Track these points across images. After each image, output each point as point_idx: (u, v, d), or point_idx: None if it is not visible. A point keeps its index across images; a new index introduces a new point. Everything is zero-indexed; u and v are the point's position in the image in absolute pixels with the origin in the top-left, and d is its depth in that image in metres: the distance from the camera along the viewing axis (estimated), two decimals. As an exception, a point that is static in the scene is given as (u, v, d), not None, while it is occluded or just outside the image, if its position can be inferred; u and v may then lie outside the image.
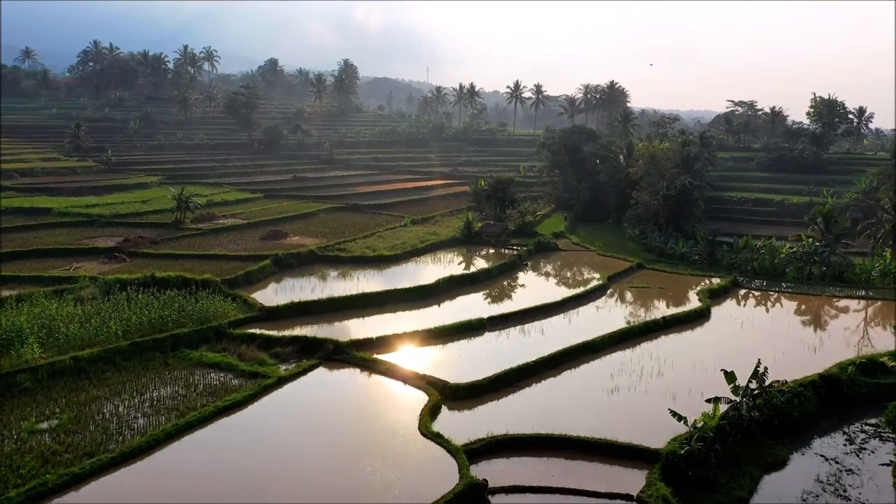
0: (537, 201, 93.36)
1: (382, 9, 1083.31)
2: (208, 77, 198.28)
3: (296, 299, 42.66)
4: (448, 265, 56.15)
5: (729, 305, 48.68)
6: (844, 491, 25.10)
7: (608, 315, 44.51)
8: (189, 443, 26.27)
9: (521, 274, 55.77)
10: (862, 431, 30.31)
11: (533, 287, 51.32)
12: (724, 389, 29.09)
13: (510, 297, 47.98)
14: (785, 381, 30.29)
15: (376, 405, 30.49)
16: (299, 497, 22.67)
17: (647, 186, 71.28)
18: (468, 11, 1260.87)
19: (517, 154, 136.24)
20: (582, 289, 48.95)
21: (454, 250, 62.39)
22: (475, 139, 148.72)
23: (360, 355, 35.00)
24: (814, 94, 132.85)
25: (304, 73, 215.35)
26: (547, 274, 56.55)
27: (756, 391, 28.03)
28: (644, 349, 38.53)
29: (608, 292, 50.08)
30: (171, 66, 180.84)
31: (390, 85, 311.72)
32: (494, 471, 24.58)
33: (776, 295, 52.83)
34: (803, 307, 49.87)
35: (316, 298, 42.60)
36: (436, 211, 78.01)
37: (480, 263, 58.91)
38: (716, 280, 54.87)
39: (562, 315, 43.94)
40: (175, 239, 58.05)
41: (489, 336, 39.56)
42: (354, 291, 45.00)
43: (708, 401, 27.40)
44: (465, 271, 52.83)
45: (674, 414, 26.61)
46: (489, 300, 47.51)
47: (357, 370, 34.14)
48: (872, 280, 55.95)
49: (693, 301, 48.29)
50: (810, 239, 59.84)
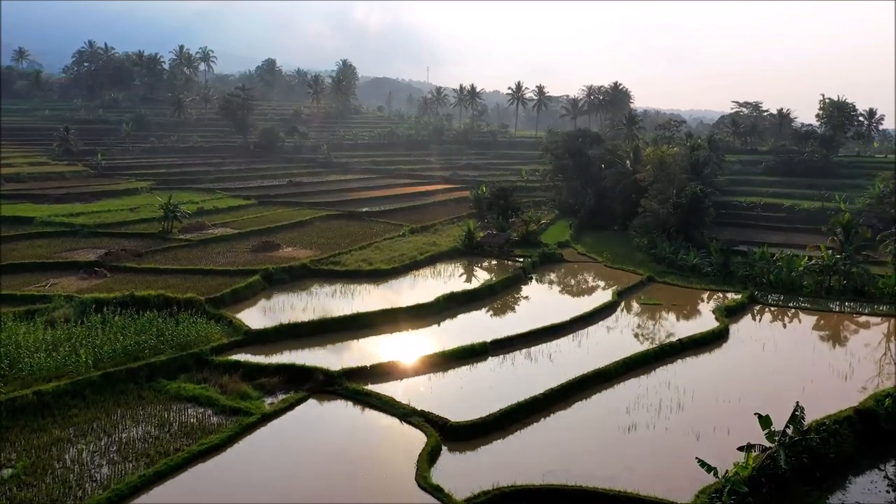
0: (540, 207, 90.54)
1: (382, 8, 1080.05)
2: (205, 77, 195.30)
3: (285, 320, 39.80)
4: (448, 279, 53.23)
5: (747, 324, 45.71)
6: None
7: (620, 337, 41.57)
8: (157, 497, 23.37)
9: (526, 288, 52.85)
10: (905, 475, 27.37)
11: (538, 304, 48.40)
12: (752, 425, 26.27)
13: (515, 316, 45.06)
14: (823, 424, 27.39)
15: (369, 448, 27.55)
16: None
17: (656, 194, 68.30)
18: (468, 11, 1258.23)
19: (519, 157, 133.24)
20: (591, 306, 45.93)
21: (455, 262, 59.47)
22: (476, 141, 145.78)
23: (353, 387, 32.10)
24: (822, 96, 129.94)
25: (303, 74, 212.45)
26: (553, 289, 53.58)
27: (794, 437, 25.10)
28: (661, 377, 35.60)
29: (619, 310, 47.12)
30: (167, 67, 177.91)
31: (390, 85, 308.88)
32: (501, 534, 21.69)
33: (796, 312, 49.90)
34: (826, 326, 46.88)
35: (307, 320, 39.67)
36: (436, 219, 75.08)
37: (482, 276, 56.05)
38: (732, 295, 51.89)
39: (570, 337, 41.00)
40: (161, 251, 55.13)
41: (493, 362, 36.64)
42: (348, 311, 42.05)
43: (740, 449, 24.47)
44: (467, 286, 49.82)
45: (702, 464, 23.70)
46: (492, 319, 44.61)
47: (349, 404, 31.22)
48: (896, 294, 53.00)
49: (709, 319, 45.33)
50: (829, 250, 56.85)
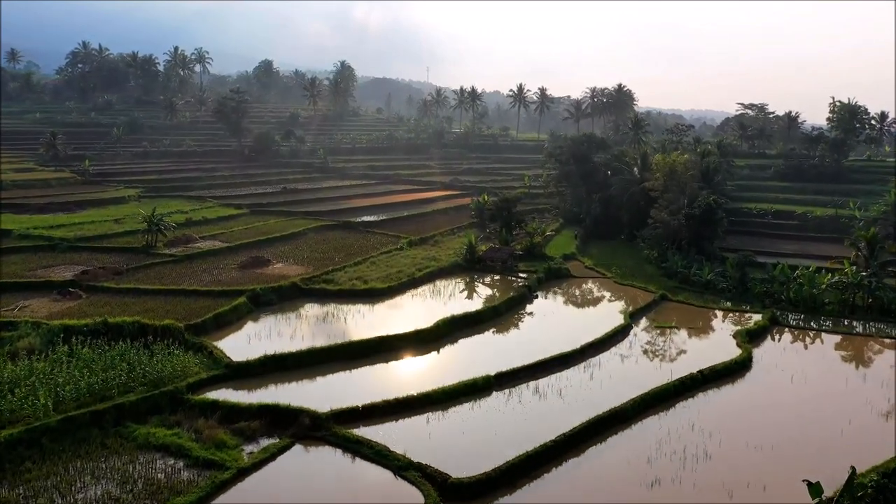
0: (544, 215, 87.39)
1: (382, 8, 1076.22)
2: (201, 79, 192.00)
3: (271, 349, 36.52)
4: (449, 299, 49.89)
5: (771, 350, 42.36)
6: None
7: (635, 367, 38.25)
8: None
9: (531, 308, 49.49)
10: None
11: (545, 328, 45.04)
12: (790, 481, 23.26)
13: (520, 342, 41.66)
14: (873, 482, 24.11)
15: (358, 513, 24.31)
16: None
17: (667, 204, 64.94)
18: (468, 11, 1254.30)
19: (521, 161, 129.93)
20: (602, 331, 42.56)
21: (456, 278, 56.16)
22: (477, 145, 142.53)
23: (343, 432, 28.82)
24: (832, 99, 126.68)
25: (301, 75, 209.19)
26: (560, 309, 50.08)
27: (848, 508, 21.85)
28: (683, 416, 32.31)
29: (632, 334, 43.78)
30: (162, 69, 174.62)
31: (390, 85, 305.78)
32: None
33: (821, 334, 46.57)
34: (855, 350, 43.56)
35: (294, 350, 36.28)
36: (436, 229, 71.70)
37: (485, 293, 52.85)
38: (751, 316, 48.60)
39: (581, 367, 37.68)
40: (143, 268, 51.76)
41: (498, 399, 33.34)
42: (340, 339, 38.82)
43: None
44: (469, 307, 46.38)
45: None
46: (497, 346, 41.31)
47: (338, 452, 27.96)
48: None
49: (730, 345, 42.02)
50: (853, 266, 53.55)
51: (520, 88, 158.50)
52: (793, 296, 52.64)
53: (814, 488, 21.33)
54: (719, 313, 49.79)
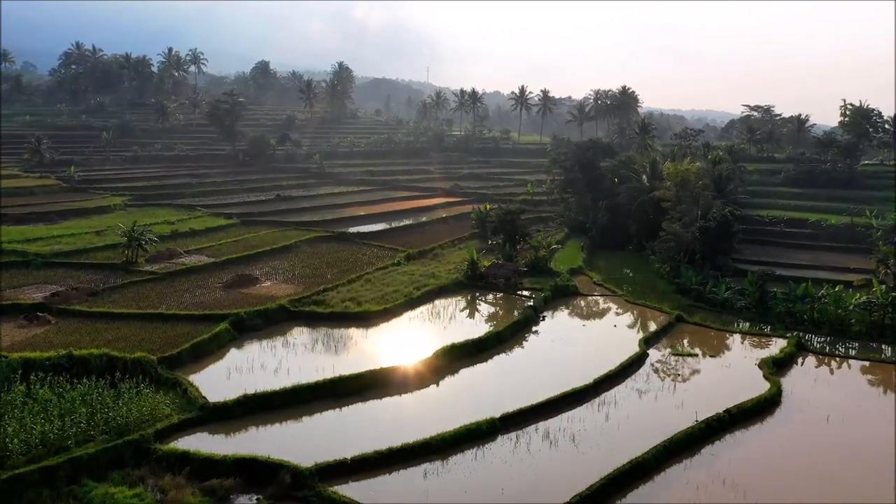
0: (548, 223, 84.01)
1: (382, 8, 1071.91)
2: (196, 79, 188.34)
3: (252, 386, 33.02)
4: (449, 322, 46.33)
5: (800, 382, 38.73)
6: None
7: (654, 405, 34.69)
8: None
9: (538, 331, 45.96)
10: None
11: (554, 356, 41.42)
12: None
13: (527, 374, 38.12)
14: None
15: None
16: None
17: (679, 216, 61.35)
18: (468, 11, 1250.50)
19: (523, 165, 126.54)
20: (615, 360, 39.02)
21: (456, 297, 52.58)
22: (478, 148, 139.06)
23: (329, 492, 25.31)
24: (844, 101, 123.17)
25: (298, 76, 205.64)
26: (569, 334, 46.17)
27: None
28: (711, 466, 28.78)
29: (648, 364, 40.23)
30: (156, 70, 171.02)
31: (389, 86, 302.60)
32: None
33: (851, 362, 42.99)
34: (891, 382, 40.01)
35: (277, 389, 32.71)
36: (435, 241, 68.18)
37: (488, 314, 49.41)
38: (775, 341, 45.04)
39: (596, 405, 34.16)
40: (120, 288, 48.20)
41: (504, 446, 29.81)
42: (329, 372, 35.26)
43: None
44: (470, 332, 42.60)
45: None
46: (501, 378, 37.71)
47: (322, 518, 24.46)
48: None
49: (756, 376, 38.50)
50: (883, 286, 50.01)
51: (521, 91, 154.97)
52: (817, 316, 49.21)
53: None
54: (740, 337, 46.24)
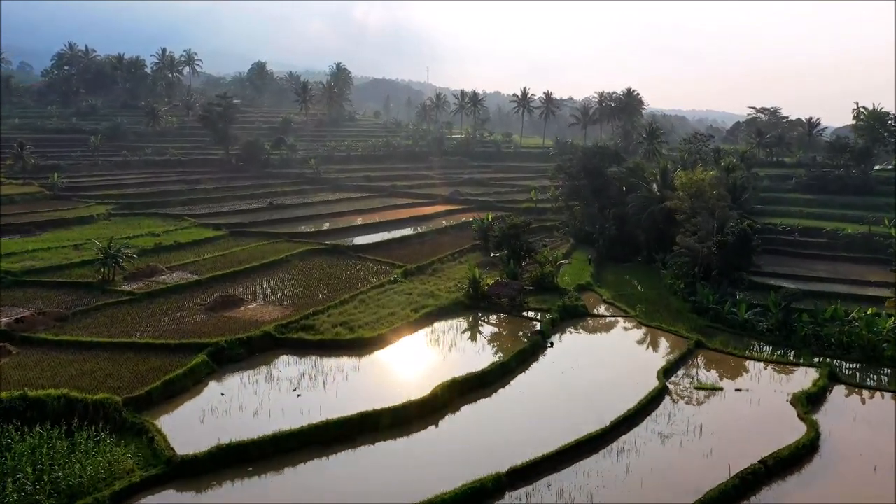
0: (552, 233, 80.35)
1: (382, 8, 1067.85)
2: (190, 81, 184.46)
3: (228, 433, 29.27)
4: (450, 350, 42.53)
5: (837, 420, 34.95)
6: None
7: (679, 453, 30.93)
8: None
9: (546, 361, 42.19)
10: None
11: (564, 391, 37.59)
12: None
13: (536, 414, 34.34)
14: None
15: None
16: None
17: (695, 229, 57.55)
18: (468, 11, 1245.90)
19: (525, 170, 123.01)
20: (633, 397, 35.29)
21: (457, 318, 48.80)
22: (479, 152, 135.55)
23: (308, 575, 21.61)
24: (856, 104, 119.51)
25: (296, 77, 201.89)
26: (579, 362, 42.13)
27: None
28: (750, 533, 25.11)
29: (669, 400, 36.50)
30: (149, 71, 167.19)
31: (389, 86, 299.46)
32: None
33: (887, 395, 39.28)
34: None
35: (256, 438, 28.91)
36: (435, 254, 64.47)
37: (491, 339, 45.63)
38: (804, 370, 41.32)
39: (614, 453, 30.39)
40: (93, 310, 44.44)
41: (512, 507, 26.15)
42: (315, 415, 31.56)
43: None
44: (472, 365, 38.56)
45: None
46: (507, 418, 33.94)
47: None
48: None
49: (788, 414, 34.81)
50: (917, 308, 46.36)
51: (524, 93, 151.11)
52: (845, 340, 45.53)
53: None
54: (766, 366, 42.43)
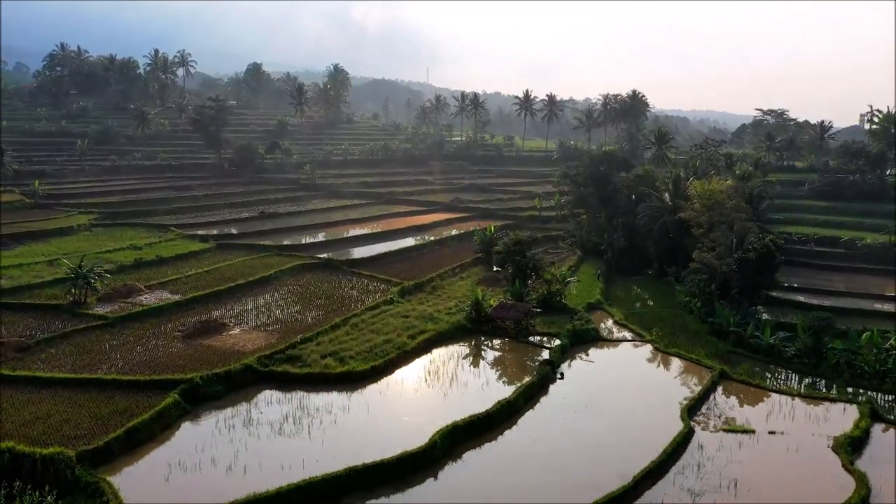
0: (557, 243, 76.53)
1: (381, 8, 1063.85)
2: (184, 81, 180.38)
3: (195, 493, 25.48)
4: (450, 385, 38.45)
5: (886, 471, 31.05)
6: None
7: (714, 516, 27.12)
8: None
9: (555, 394, 38.28)
10: None
11: (578, 436, 33.50)
12: None
13: (547, 465, 30.36)
14: None
15: None
16: None
17: (713, 245, 53.52)
18: (468, 11, 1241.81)
19: (528, 175, 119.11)
20: (656, 442, 31.42)
21: (459, 344, 44.84)
22: (480, 156, 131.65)
23: None
24: (870, 108, 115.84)
25: (293, 78, 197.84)
26: (593, 400, 37.65)
27: None
28: None
29: (696, 445, 32.56)
30: (143, 72, 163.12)
31: (388, 87, 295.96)
32: None
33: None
34: None
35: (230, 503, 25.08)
36: (434, 268, 60.54)
37: (496, 370, 41.74)
38: (842, 407, 37.46)
39: (639, 517, 26.60)
40: (59, 339, 40.48)
41: (523, 593, 22.27)
42: (297, 469, 27.71)
43: None
44: (475, 405, 34.47)
45: None
46: (515, 468, 30.03)
47: None
48: None
49: (831, 464, 30.93)
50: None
51: (526, 95, 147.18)
52: (880, 368, 41.71)
53: None
54: (798, 401, 38.48)
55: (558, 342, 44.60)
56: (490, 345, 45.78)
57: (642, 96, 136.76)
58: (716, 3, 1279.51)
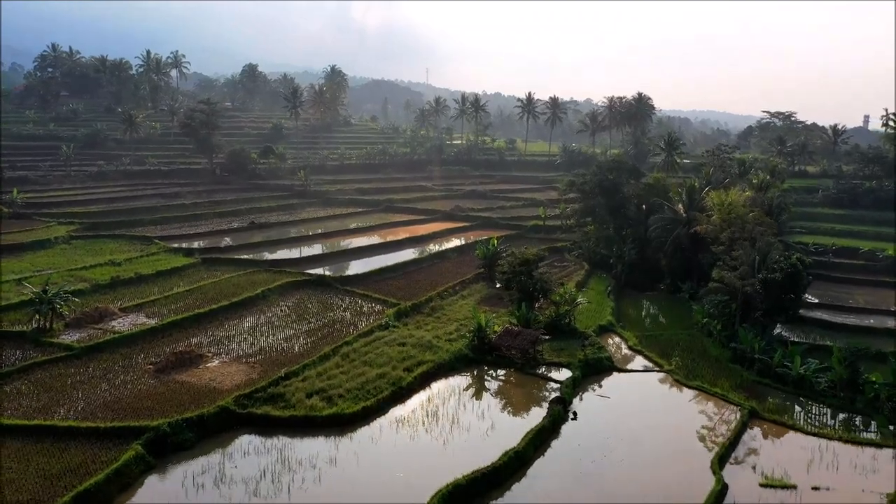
0: (563, 255, 72.63)
1: (381, 8, 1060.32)
2: (178, 83, 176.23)
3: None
4: (451, 429, 34.29)
5: (950, 537, 27.27)
6: None
7: None
8: None
9: (567, 437, 34.29)
10: None
11: (597, 492, 29.56)
12: None
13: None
14: None
15: None
16: None
17: (735, 264, 49.44)
18: (468, 11, 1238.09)
19: (531, 180, 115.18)
20: (685, 499, 27.51)
21: (460, 379, 40.65)
22: (481, 160, 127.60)
23: None
24: (885, 111, 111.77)
25: (290, 80, 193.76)
26: (611, 445, 33.47)
27: None
28: None
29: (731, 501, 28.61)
30: (136, 74, 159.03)
31: (388, 88, 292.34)
32: None
33: None
34: None
35: None
36: (433, 287, 56.50)
37: (502, 406, 37.69)
38: (889, 454, 33.47)
39: None
40: (17, 374, 36.42)
41: None
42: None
43: None
44: (479, 453, 30.98)
45: None
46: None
47: None
48: None
49: (886, 528, 27.03)
50: None
51: (529, 97, 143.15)
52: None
53: None
54: (839, 445, 34.47)
55: (569, 374, 40.60)
56: (494, 375, 41.74)
57: (648, 99, 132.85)
58: (716, 4, 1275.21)
